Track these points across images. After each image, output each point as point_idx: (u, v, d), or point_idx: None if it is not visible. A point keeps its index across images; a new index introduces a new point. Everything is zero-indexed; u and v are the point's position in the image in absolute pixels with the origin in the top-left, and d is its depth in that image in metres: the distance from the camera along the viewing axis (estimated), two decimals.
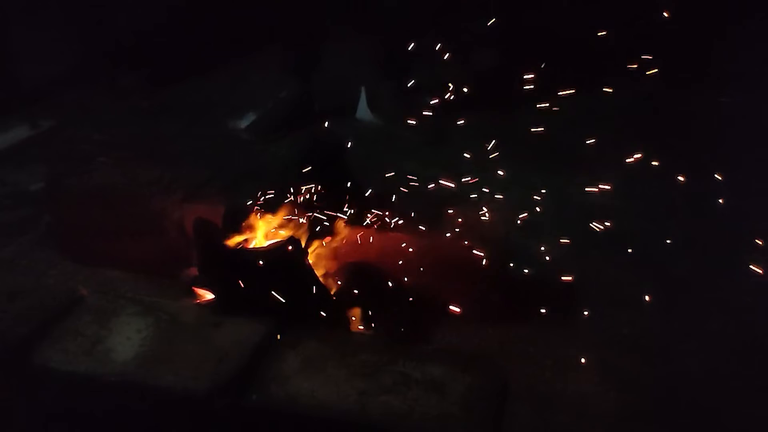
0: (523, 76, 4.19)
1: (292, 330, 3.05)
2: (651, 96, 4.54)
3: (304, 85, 5.38)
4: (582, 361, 3.19)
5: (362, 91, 5.13)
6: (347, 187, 3.78)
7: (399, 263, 3.48)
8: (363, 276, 3.51)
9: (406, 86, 5.03)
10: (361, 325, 3.38)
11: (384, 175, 3.87)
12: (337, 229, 3.69)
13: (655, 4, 4.44)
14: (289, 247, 3.30)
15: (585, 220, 3.72)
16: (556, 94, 4.12)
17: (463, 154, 4.04)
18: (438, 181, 3.83)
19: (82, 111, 5.32)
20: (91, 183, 3.89)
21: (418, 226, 3.58)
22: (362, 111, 5.14)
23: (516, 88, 4.30)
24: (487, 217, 3.69)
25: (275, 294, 3.17)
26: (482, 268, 3.42)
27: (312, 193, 3.70)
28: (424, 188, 3.81)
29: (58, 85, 5.66)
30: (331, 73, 5.30)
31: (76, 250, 3.93)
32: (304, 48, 5.47)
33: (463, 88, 4.33)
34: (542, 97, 4.21)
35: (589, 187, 3.85)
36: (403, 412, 2.63)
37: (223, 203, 3.58)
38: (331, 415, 2.65)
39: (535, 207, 3.76)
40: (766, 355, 3.23)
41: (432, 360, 2.87)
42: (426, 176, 3.86)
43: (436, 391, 2.71)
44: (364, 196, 3.76)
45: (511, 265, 3.48)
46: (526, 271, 3.47)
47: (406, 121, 4.32)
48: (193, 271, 3.57)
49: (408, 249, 3.51)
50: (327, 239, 3.74)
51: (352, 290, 3.45)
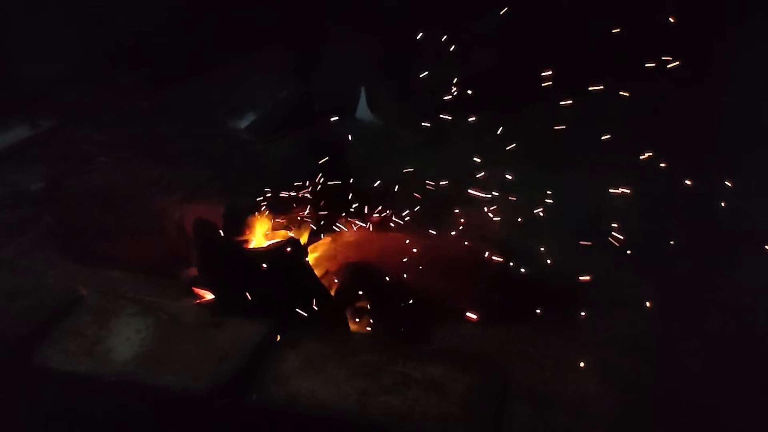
0: (523, 76, 4.19)
1: (292, 330, 3.05)
2: (651, 96, 4.53)
3: (304, 85, 5.38)
4: (582, 361, 3.19)
5: (362, 91, 5.12)
6: (347, 187, 3.79)
7: (399, 263, 3.47)
8: (363, 276, 3.51)
9: (407, 86, 5.03)
10: (361, 325, 3.38)
11: (384, 176, 3.87)
12: (337, 229, 3.69)
13: (656, 4, 4.45)
14: (289, 248, 3.30)
15: (585, 221, 3.72)
16: (556, 95, 4.12)
17: (463, 154, 4.04)
18: (438, 181, 3.83)
19: (82, 111, 5.31)
20: (91, 183, 3.89)
21: (418, 226, 3.58)
22: (362, 111, 5.13)
23: (516, 88, 4.30)
24: (487, 217, 3.69)
25: (275, 295, 3.18)
26: (482, 267, 3.42)
27: (312, 193, 3.70)
28: (424, 188, 3.81)
29: (58, 85, 5.65)
30: (331, 73, 5.30)
31: (76, 250, 3.93)
32: (304, 48, 5.46)
33: (463, 88, 4.33)
34: (542, 97, 4.21)
35: (590, 187, 3.85)
36: (403, 412, 2.63)
37: (223, 203, 3.58)
38: (331, 415, 2.65)
39: (535, 207, 3.75)
40: (766, 355, 3.23)
41: (432, 360, 2.87)
42: (426, 176, 3.86)
43: (436, 391, 2.71)
44: (364, 196, 3.76)
45: (512, 265, 3.48)
46: (527, 271, 3.47)
47: (420, 123, 4.32)
48: (193, 271, 3.57)
49: (408, 249, 3.51)
50: (327, 239, 3.75)
51: (352, 290, 3.45)
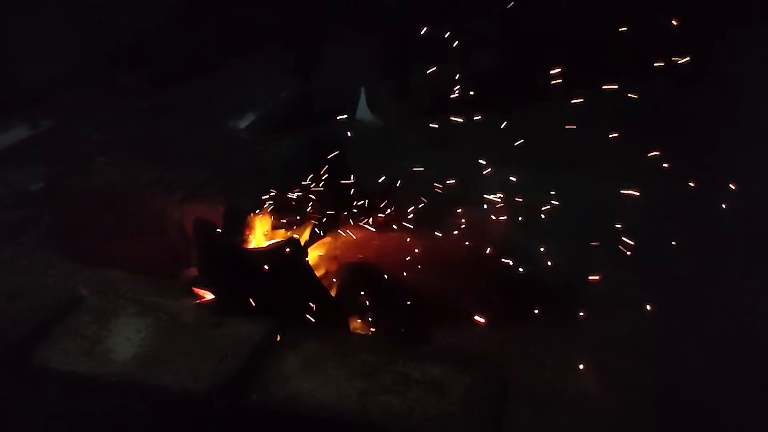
0: (522, 77, 4.19)
1: (292, 330, 3.05)
2: (651, 96, 4.53)
3: (304, 85, 5.38)
4: (582, 361, 3.19)
5: (362, 91, 5.13)
6: (347, 187, 3.78)
7: (399, 263, 3.47)
8: (363, 276, 3.51)
9: (407, 86, 5.03)
10: (361, 325, 3.38)
11: (384, 176, 3.87)
12: (337, 229, 3.69)
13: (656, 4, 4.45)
14: (289, 248, 3.30)
15: (585, 221, 3.72)
16: (555, 95, 4.12)
17: (463, 154, 4.04)
18: (438, 181, 3.83)
19: (82, 111, 5.31)
20: (91, 183, 3.89)
21: (418, 226, 3.58)
22: (362, 111, 5.13)
23: (515, 88, 4.30)
24: (487, 217, 3.69)
25: (275, 295, 3.18)
26: (483, 267, 3.42)
27: (311, 193, 3.70)
28: (424, 189, 3.80)
29: (58, 85, 5.66)
30: (331, 73, 5.30)
31: (76, 250, 3.93)
32: (304, 48, 5.47)
33: (463, 88, 4.33)
34: (542, 97, 4.21)
35: (590, 187, 3.85)
36: (403, 412, 2.63)
37: (223, 203, 3.58)
38: (331, 415, 2.65)
39: (535, 207, 3.75)
40: (766, 355, 3.23)
41: (432, 360, 2.87)
42: (426, 176, 3.86)
43: (436, 391, 2.71)
44: (364, 196, 3.76)
45: (512, 265, 3.48)
46: (527, 271, 3.47)
47: (420, 122, 4.31)
48: (193, 271, 3.57)
49: (408, 248, 3.51)
50: (327, 239, 3.74)
51: (352, 290, 3.45)
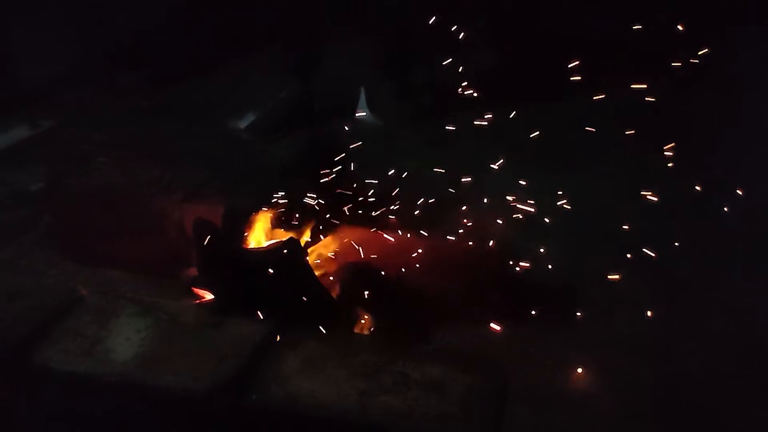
0: (522, 77, 4.19)
1: (292, 330, 3.05)
2: (650, 96, 4.53)
3: (304, 85, 5.38)
4: (582, 361, 3.19)
5: (362, 91, 5.13)
6: (346, 187, 3.78)
7: (399, 263, 3.47)
8: (363, 276, 3.51)
9: (407, 86, 5.03)
10: (361, 325, 3.38)
11: (384, 176, 3.87)
12: (337, 229, 3.69)
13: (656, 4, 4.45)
14: (289, 248, 3.30)
15: (585, 221, 3.72)
16: (556, 95, 4.12)
17: (463, 154, 4.04)
18: (438, 181, 3.83)
19: (82, 111, 5.31)
20: (91, 183, 3.88)
21: (418, 226, 3.58)
22: (362, 111, 5.13)
23: (515, 88, 4.30)
24: (487, 217, 3.69)
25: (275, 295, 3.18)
26: (482, 268, 3.42)
27: (311, 193, 3.70)
28: (424, 188, 3.81)
29: (58, 85, 5.65)
30: (331, 73, 5.30)
31: (76, 250, 3.93)
32: (304, 48, 5.46)
33: (463, 88, 4.33)
34: (542, 97, 4.21)
35: (590, 187, 3.84)
36: (403, 412, 2.63)
37: (223, 203, 3.58)
38: (331, 415, 2.65)
39: (535, 207, 3.75)
40: (766, 355, 3.23)
41: (432, 360, 2.87)
42: (427, 176, 3.86)
43: (436, 391, 2.71)
44: (364, 196, 3.76)
45: (511, 265, 3.48)
46: (527, 271, 3.46)
47: (419, 123, 4.31)
48: (193, 271, 3.57)
49: (408, 249, 3.50)
50: (327, 239, 3.74)
51: (352, 290, 3.45)
